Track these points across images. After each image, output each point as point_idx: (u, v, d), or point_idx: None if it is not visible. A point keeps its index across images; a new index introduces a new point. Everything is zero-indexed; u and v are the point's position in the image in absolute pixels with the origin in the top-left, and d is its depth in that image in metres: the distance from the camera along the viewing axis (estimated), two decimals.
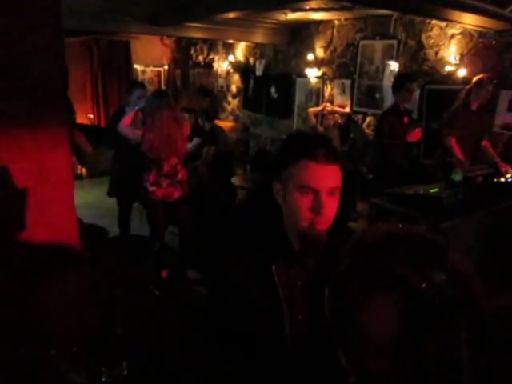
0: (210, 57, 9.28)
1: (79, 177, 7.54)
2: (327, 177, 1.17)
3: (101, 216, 4.67)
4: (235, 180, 4.87)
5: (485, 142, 4.40)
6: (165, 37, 9.19)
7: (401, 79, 4.31)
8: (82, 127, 5.55)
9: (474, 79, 4.26)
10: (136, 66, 9.69)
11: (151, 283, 2.10)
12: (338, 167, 1.21)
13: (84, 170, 7.86)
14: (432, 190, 3.41)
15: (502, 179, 3.96)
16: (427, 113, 5.42)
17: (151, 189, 3.79)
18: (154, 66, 9.96)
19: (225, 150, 5.15)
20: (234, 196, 5.01)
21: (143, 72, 9.83)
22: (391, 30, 5.79)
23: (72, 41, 7.62)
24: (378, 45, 5.99)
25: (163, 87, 9.93)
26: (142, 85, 4.71)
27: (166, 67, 10.07)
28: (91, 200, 5.81)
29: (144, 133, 3.72)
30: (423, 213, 3.21)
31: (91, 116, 9.11)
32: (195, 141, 5.16)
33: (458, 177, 3.45)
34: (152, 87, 9.56)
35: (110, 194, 4.58)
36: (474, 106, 4.25)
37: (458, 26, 4.77)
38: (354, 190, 5.53)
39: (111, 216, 4.61)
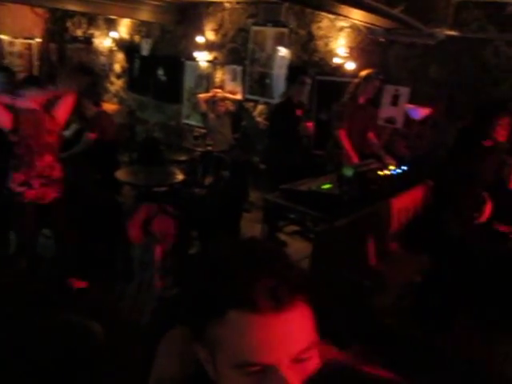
0: (90, 31, 8.48)
1: None
2: (287, 336, 0.65)
3: None
4: (120, 174, 4.40)
5: (371, 135, 4.53)
6: None
7: (294, 72, 4.25)
8: None
9: (362, 73, 4.34)
10: (2, 37, 8.48)
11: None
12: (305, 306, 0.68)
13: None
14: (325, 186, 3.38)
15: (387, 172, 4.10)
16: (318, 104, 5.47)
17: (19, 190, 3.23)
18: (25, 38, 8.82)
19: (109, 139, 4.66)
20: (117, 191, 4.57)
21: (11, 44, 8.65)
22: (282, 18, 5.71)
23: None
24: (270, 32, 5.89)
25: (36, 63, 8.87)
26: (5, 69, 4.04)
27: (39, 40, 8.98)
28: None
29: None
30: (317, 210, 3.17)
31: None
32: (73, 127, 4.60)
33: (349, 172, 3.46)
34: (22, 62, 8.48)
35: None
36: (361, 100, 4.34)
37: (347, 19, 4.81)
38: (246, 180, 5.43)
39: None
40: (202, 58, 6.59)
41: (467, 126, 3.55)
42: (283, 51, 5.70)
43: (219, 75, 6.56)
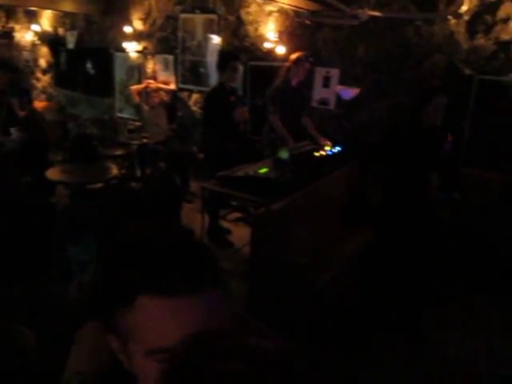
0: (10, 25, 8.00)
1: None
2: (199, 321, 0.62)
3: None
4: (52, 174, 4.19)
5: (305, 117, 4.59)
6: None
7: (225, 58, 4.20)
8: None
9: (293, 57, 4.37)
10: None
11: None
12: (217, 291, 0.66)
13: None
14: (261, 171, 3.40)
15: (323, 152, 4.19)
16: (252, 89, 5.47)
17: None
18: None
19: (39, 138, 4.43)
20: (51, 192, 4.37)
21: None
22: (210, 4, 5.64)
23: None
24: (199, 19, 5.80)
25: None
26: None
27: None
28: None
29: None
30: (254, 194, 3.18)
31: None
32: (15, 134, 4.27)
33: (284, 155, 3.50)
34: None
35: None
36: (293, 83, 4.38)
37: (274, 3, 4.83)
38: (185, 171, 5.37)
39: None
40: (132, 48, 6.40)
41: (407, 108, 3.69)
42: (215, 38, 5.65)
43: (151, 65, 6.40)
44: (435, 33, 4.41)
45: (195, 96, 6.08)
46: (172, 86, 6.15)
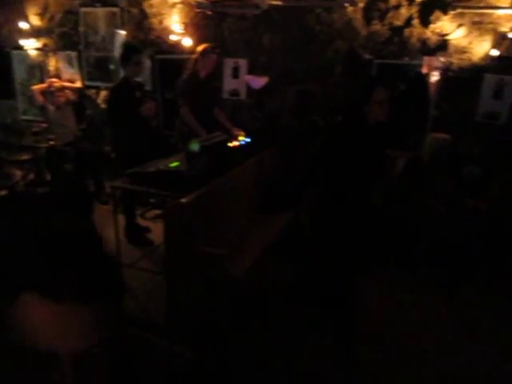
0: None
1: None
2: (76, 327, 0.60)
3: None
4: None
5: (217, 109, 4.58)
6: None
7: (128, 51, 4.05)
8: None
9: (199, 48, 4.33)
10: None
11: None
12: (105, 298, 0.63)
13: None
14: (172, 164, 3.35)
15: (236, 143, 4.20)
16: (161, 83, 5.36)
17: None
18: None
19: None
20: None
21: None
22: None
23: None
24: (101, 12, 5.57)
25: None
26: None
27: None
28: None
29: None
30: (167, 189, 3.13)
31: None
32: None
33: (195, 147, 3.46)
34: None
35: None
36: (202, 75, 4.34)
37: None
38: (97, 172, 5.17)
39: None
40: (30, 45, 6.01)
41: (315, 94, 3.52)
42: (120, 32, 5.45)
43: (53, 63, 6.05)
44: (335, 20, 4.57)
45: (104, 93, 5.85)
46: (78, 84, 5.87)
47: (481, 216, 3.75)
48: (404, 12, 4.33)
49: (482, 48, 4.16)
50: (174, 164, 3.37)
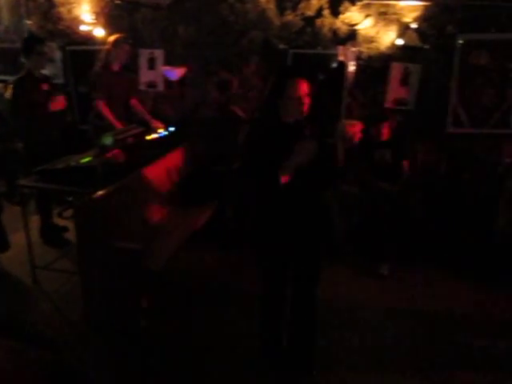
0: None
1: None
2: None
3: None
4: None
5: (133, 102, 4.45)
6: None
7: (29, 42, 3.82)
8: None
9: (111, 39, 4.17)
10: None
11: None
12: None
13: None
14: (84, 160, 3.23)
15: (155, 135, 4.12)
16: (74, 76, 5.13)
17: None
18: None
19: None
20: None
21: None
22: None
23: None
24: (3, 1, 5.20)
25: None
26: None
27: None
28: None
29: None
30: (78, 186, 3.01)
31: None
32: None
33: (108, 141, 3.36)
34: None
35: None
36: (115, 67, 4.19)
37: None
38: (9, 171, 4.89)
39: None
40: None
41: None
42: (25, 22, 5.13)
43: None
44: (249, 10, 4.60)
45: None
46: None
47: (392, 198, 3.96)
48: (315, 2, 4.44)
49: (389, 37, 4.36)
50: (86, 159, 3.25)
